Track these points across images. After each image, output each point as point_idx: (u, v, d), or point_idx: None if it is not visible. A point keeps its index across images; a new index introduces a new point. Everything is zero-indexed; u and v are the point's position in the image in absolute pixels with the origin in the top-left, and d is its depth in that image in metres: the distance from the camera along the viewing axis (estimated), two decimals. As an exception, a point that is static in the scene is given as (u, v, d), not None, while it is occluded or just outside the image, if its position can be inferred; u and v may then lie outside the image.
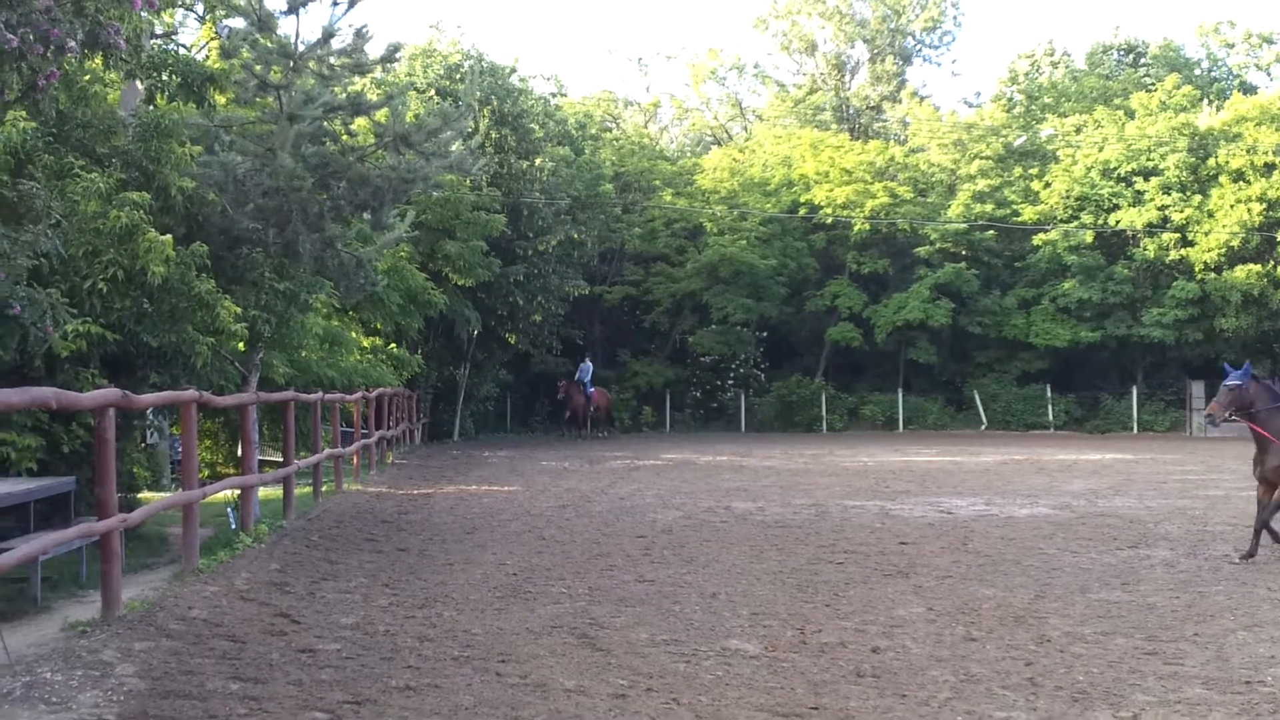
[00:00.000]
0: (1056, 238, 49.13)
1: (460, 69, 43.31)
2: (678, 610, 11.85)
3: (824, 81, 68.93)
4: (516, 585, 13.17)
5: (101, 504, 11.01)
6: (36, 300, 11.71)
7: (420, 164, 17.60)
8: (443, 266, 37.73)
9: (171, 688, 8.39)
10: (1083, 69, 62.70)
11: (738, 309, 50.76)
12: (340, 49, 17.40)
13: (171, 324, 15.18)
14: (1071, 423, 49.73)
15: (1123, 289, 48.47)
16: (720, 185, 55.55)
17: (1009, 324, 50.01)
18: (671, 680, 9.10)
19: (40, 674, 8.54)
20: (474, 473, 28.49)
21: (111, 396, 11.10)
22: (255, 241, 17.30)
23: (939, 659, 9.84)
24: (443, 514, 19.80)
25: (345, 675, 8.99)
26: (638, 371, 52.08)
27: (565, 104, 59.45)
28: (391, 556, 15.16)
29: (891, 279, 52.51)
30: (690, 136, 73.74)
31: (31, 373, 13.43)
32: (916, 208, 52.22)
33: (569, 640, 10.44)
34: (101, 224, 14.46)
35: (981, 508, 20.44)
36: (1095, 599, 12.46)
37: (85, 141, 15.97)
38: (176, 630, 10.27)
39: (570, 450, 37.45)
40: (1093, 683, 9.06)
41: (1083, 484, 25.07)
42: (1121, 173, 49.30)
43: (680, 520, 18.98)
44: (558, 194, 44.69)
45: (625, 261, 54.12)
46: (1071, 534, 17.28)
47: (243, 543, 15.33)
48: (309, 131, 17.01)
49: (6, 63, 10.07)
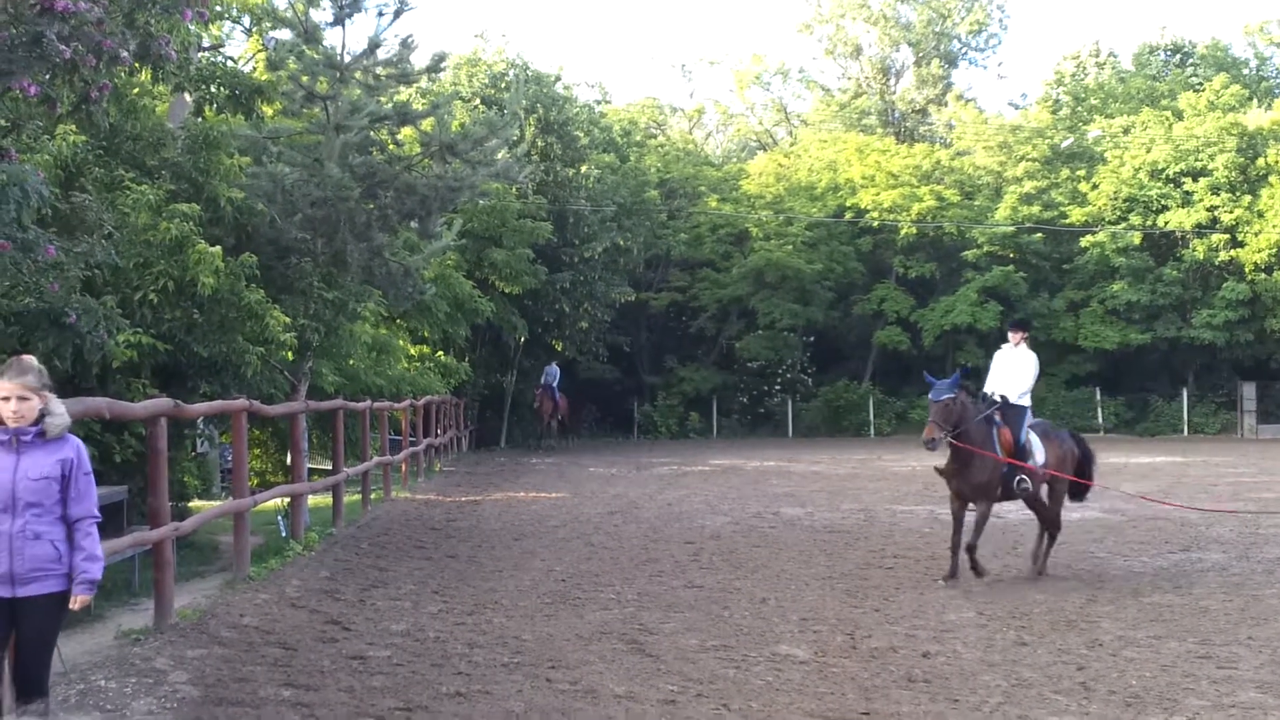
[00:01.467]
0: (1105, 239, 48.76)
1: (505, 78, 43.43)
2: (727, 616, 11.84)
3: (869, 85, 68.69)
4: (565, 591, 13.19)
5: (154, 513, 11.10)
6: (91, 309, 11.83)
7: (466, 172, 17.67)
8: (489, 274, 37.80)
9: (224, 695, 8.44)
10: (1129, 70, 62.24)
11: (784, 314, 50.62)
12: (386, 59, 17.50)
13: (221, 334, 15.30)
14: (1121, 425, 49.35)
15: (1172, 290, 48.04)
16: (766, 190, 55.45)
17: (1058, 326, 49.67)
18: (721, 686, 9.09)
19: (95, 681, 8.62)
20: (522, 479, 28.54)
21: (163, 406, 11.20)
22: (304, 251, 17.41)
23: (990, 664, 9.80)
24: (491, 521, 19.84)
25: (396, 682, 9.03)
26: (684, 378, 52.02)
27: (610, 111, 59.48)
28: (441, 563, 15.21)
29: (938, 282, 52.26)
30: (735, 142, 73.60)
31: (84, 383, 13.56)
32: (963, 211, 51.95)
33: (618, 646, 10.45)
34: (152, 235, 14.60)
35: (1030, 512, 20.30)
36: (1147, 602, 12.39)
37: (135, 154, 16.14)
38: (228, 638, 10.34)
39: (617, 456, 37.46)
40: (1145, 687, 9.01)
41: (1134, 487, 24.85)
42: (1170, 174, 48.88)
43: (728, 526, 18.96)
44: (603, 201, 44.73)
45: (671, 268, 54.09)
46: (1122, 537, 17.18)
47: (293, 550, 15.41)
48: (356, 141, 17.11)
49: (59, 75, 10.17)
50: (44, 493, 6.77)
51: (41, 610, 6.80)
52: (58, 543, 6.81)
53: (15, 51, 9.67)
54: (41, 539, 6.76)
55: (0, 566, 6.72)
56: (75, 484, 6.88)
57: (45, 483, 6.78)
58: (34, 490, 6.75)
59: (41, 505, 6.78)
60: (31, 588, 6.75)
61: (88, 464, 6.99)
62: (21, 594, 6.75)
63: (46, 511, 6.79)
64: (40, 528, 6.77)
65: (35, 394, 6.78)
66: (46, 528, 6.79)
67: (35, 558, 6.75)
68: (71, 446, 6.92)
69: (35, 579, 6.76)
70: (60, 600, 6.84)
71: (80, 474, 6.90)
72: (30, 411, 6.78)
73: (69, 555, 6.85)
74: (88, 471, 6.97)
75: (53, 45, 9.64)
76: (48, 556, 6.78)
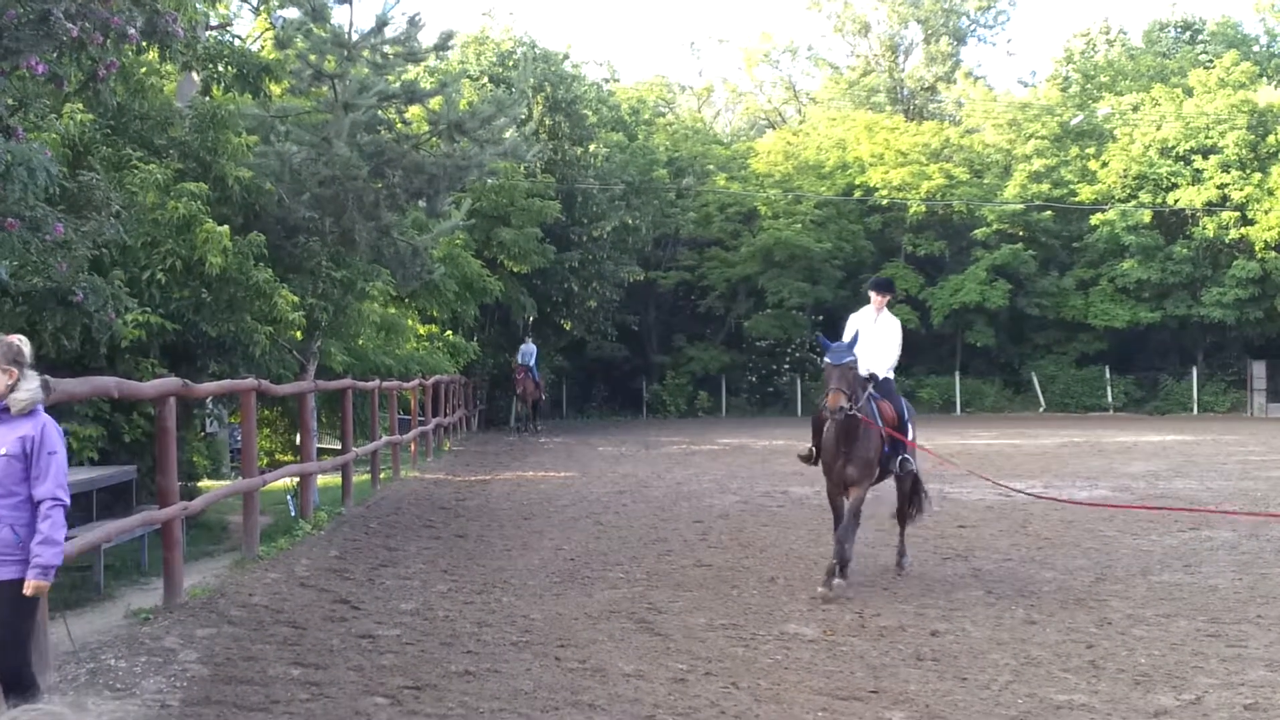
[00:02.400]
0: (1114, 217, 48.60)
1: (513, 56, 43.40)
2: (736, 594, 11.85)
3: (878, 63, 68.49)
4: (574, 570, 13.20)
5: (163, 492, 11.12)
6: (99, 288, 11.82)
7: (474, 151, 17.65)
8: (498, 253, 37.78)
9: (233, 674, 8.46)
10: (1139, 47, 61.97)
11: (793, 293, 50.56)
12: (394, 37, 17.46)
13: (230, 313, 15.30)
14: (1131, 404, 49.30)
15: (1182, 269, 47.91)
16: (774, 169, 55.34)
17: (1067, 305, 49.59)
18: (730, 664, 9.09)
19: (104, 660, 8.63)
20: (530, 459, 28.56)
21: (172, 386, 11.20)
22: (312, 230, 17.40)
23: (999, 642, 9.79)
24: (500, 500, 19.86)
25: (405, 660, 9.04)
26: (693, 357, 52.02)
27: (618, 90, 59.39)
28: (450, 542, 15.22)
29: (948, 261, 52.17)
30: (744, 120, 73.48)
31: (92, 363, 13.56)
32: (972, 189, 51.82)
33: (627, 625, 10.46)
34: (160, 214, 14.60)
35: (1041, 490, 20.30)
36: (1156, 581, 12.37)
37: (143, 133, 16.12)
38: (238, 617, 10.35)
39: (626, 435, 37.46)
40: (1155, 665, 8.99)
41: (1143, 466, 24.86)
42: (1180, 151, 48.69)
43: (737, 505, 18.97)
44: (612, 180, 44.70)
45: (680, 246, 54.05)
46: (1131, 516, 17.14)
47: (302, 530, 15.44)
48: (364, 120, 17.09)
49: (66, 54, 10.14)
50: (4, 472, 6.49)
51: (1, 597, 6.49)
52: (18, 526, 6.48)
53: (22, 29, 9.65)
54: (1, 522, 6.50)
55: None
56: (37, 463, 6.53)
57: (5, 460, 6.49)
58: None
59: (2, 486, 6.50)
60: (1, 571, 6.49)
61: (53, 443, 6.61)
62: None
63: (8, 493, 6.49)
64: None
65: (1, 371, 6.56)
66: (6, 511, 6.49)
67: None
68: (35, 424, 6.60)
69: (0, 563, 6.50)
70: (18, 588, 6.46)
71: (43, 452, 6.53)
72: None
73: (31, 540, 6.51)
74: (52, 451, 6.57)
75: (60, 23, 9.62)
76: (6, 541, 6.48)
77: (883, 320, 13.06)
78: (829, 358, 11.83)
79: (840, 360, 11.74)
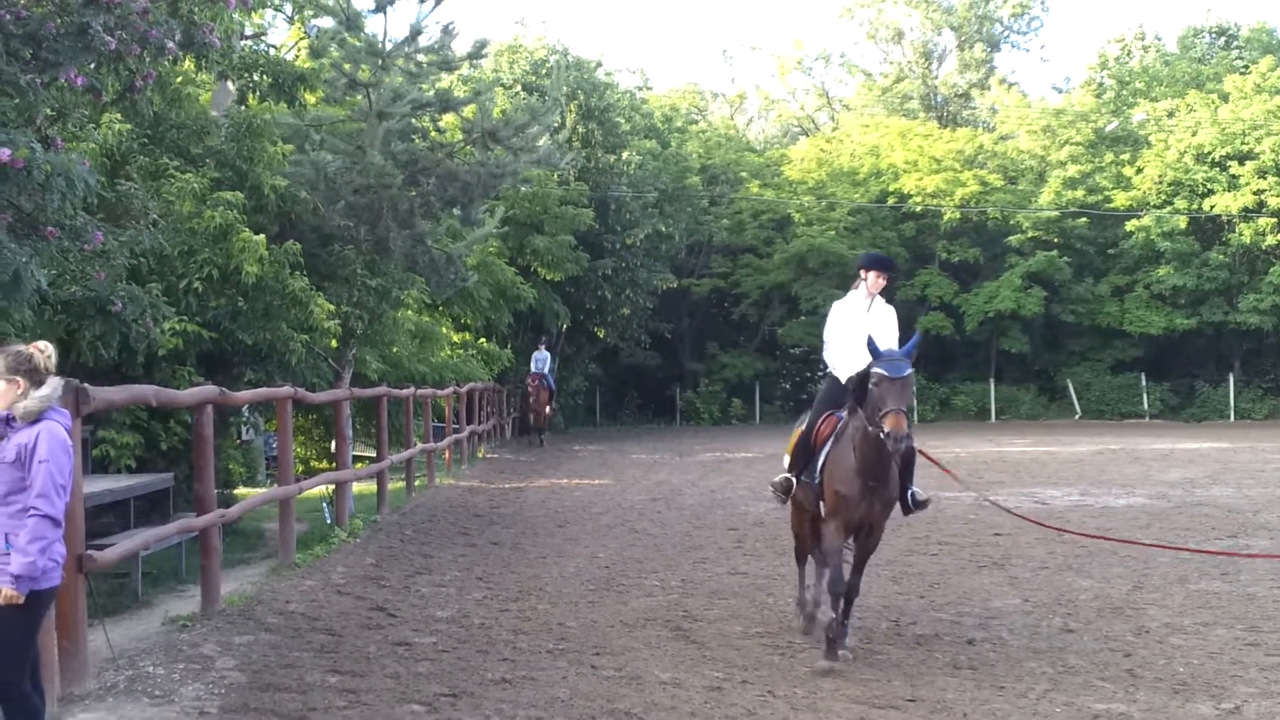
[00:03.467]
0: (1150, 224, 48.37)
1: (546, 64, 43.43)
2: (771, 603, 11.83)
3: (911, 70, 68.36)
4: (609, 578, 13.20)
5: (200, 500, 11.16)
6: (137, 297, 11.89)
7: (508, 159, 17.69)
8: (531, 261, 37.83)
9: (271, 680, 8.48)
10: (1174, 53, 61.64)
11: (827, 300, 50.05)
12: (427, 46, 17.53)
13: (266, 322, 15.37)
14: (1167, 411, 49.02)
15: (1218, 275, 47.64)
16: (808, 176, 55.29)
17: (1102, 312, 49.37)
18: (766, 672, 9.08)
19: (143, 667, 8.67)
20: (564, 466, 28.57)
21: (209, 394, 11.25)
22: (347, 239, 17.47)
23: (1036, 651, 9.75)
24: (534, 508, 19.87)
25: (442, 668, 9.05)
26: (726, 364, 52.01)
27: (651, 97, 59.44)
28: (485, 550, 15.24)
29: (982, 267, 51.99)
30: (777, 127, 73.41)
31: (130, 371, 13.64)
32: (1007, 195, 51.66)
33: (663, 633, 10.45)
34: (196, 223, 14.68)
35: (1077, 498, 20.21)
36: (1194, 589, 12.29)
37: (179, 142, 16.22)
38: (275, 624, 10.38)
39: (659, 443, 37.44)
40: (1193, 674, 8.94)
41: (1179, 473, 24.70)
42: (1215, 157, 48.43)
43: (772, 512, 18.90)
44: (645, 187, 44.70)
45: (713, 254, 54.04)
46: (1169, 524, 17.04)
47: (338, 537, 15.47)
48: (398, 129, 17.16)
49: (105, 65, 10.22)
50: (3, 478, 6.44)
51: None
52: (13, 535, 6.39)
53: (62, 42, 9.73)
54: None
55: None
56: (29, 471, 6.40)
57: (4, 468, 6.44)
58: None
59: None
60: None
61: (45, 451, 6.43)
62: None
63: (6, 501, 6.44)
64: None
65: (3, 380, 6.49)
66: (4, 519, 6.43)
67: None
68: (33, 432, 6.48)
69: None
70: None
71: (34, 460, 6.40)
72: (1, 398, 6.49)
73: None
74: (42, 459, 6.40)
75: (98, 36, 9.71)
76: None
77: (878, 309, 10.52)
78: (882, 368, 9.36)
79: (900, 373, 9.31)
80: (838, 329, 10.44)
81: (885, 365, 9.33)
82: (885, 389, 9.20)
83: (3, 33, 9.39)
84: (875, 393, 9.25)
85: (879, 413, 9.15)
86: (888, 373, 9.27)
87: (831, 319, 10.57)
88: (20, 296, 9.23)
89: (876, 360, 9.38)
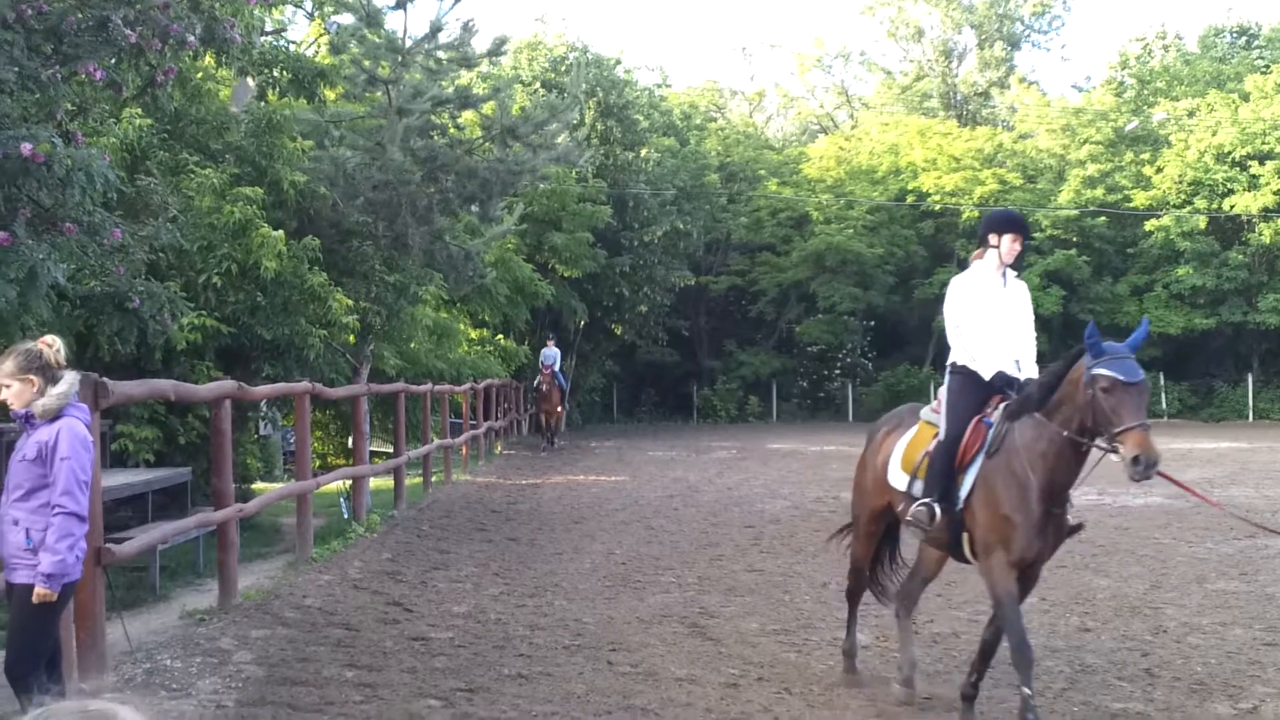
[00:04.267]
0: (1169, 223, 48.22)
1: (565, 61, 43.45)
2: (788, 600, 11.81)
3: (931, 68, 68.21)
4: (626, 574, 13.20)
5: (218, 494, 11.19)
6: (155, 294, 11.92)
7: (527, 156, 17.69)
8: (549, 258, 37.86)
9: (288, 675, 8.50)
10: (1195, 52, 61.40)
11: (845, 298, 50.43)
12: (447, 43, 17.52)
13: (284, 317, 15.40)
14: (1185, 411, 48.86)
15: (1238, 275, 47.49)
16: (826, 174, 55.25)
17: (1121, 311, 49.17)
18: (783, 670, 9.07)
19: (160, 661, 8.70)
20: (581, 463, 28.59)
21: (228, 388, 11.28)
22: (365, 234, 17.50)
23: (1054, 649, 9.72)
24: (551, 504, 19.89)
25: (458, 663, 9.06)
26: (744, 362, 51.99)
27: (670, 95, 59.40)
28: (501, 546, 15.25)
29: (1001, 266, 51.77)
30: (796, 125, 73.34)
31: (149, 365, 13.68)
32: (1026, 194, 51.52)
33: (679, 629, 10.44)
34: (216, 219, 14.71)
35: (1094, 497, 20.13)
36: (1212, 589, 12.25)
37: (199, 138, 16.26)
38: (292, 618, 10.41)
39: (676, 440, 37.43)
40: (1211, 674, 8.91)
41: (1197, 473, 24.61)
42: (1236, 157, 48.25)
43: (788, 510, 18.91)
44: (663, 184, 44.69)
45: (731, 251, 54.02)
46: (1186, 524, 16.99)
47: (355, 532, 15.50)
48: (417, 125, 17.16)
49: (125, 60, 10.25)
50: (24, 475, 6.47)
51: (14, 600, 6.52)
52: (34, 531, 6.44)
53: (82, 36, 9.76)
54: (18, 525, 6.47)
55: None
56: (50, 468, 6.43)
57: (25, 465, 6.47)
58: (17, 472, 6.50)
59: (21, 488, 6.47)
60: (13, 575, 6.50)
61: (66, 449, 6.45)
62: (8, 579, 6.55)
63: (28, 496, 6.46)
64: (18, 514, 6.48)
65: (16, 380, 6.48)
66: (24, 514, 6.46)
67: (12, 544, 6.49)
68: (53, 429, 6.49)
69: (13, 567, 6.50)
70: (27, 593, 6.42)
71: (56, 458, 6.42)
72: (19, 396, 6.50)
73: None
74: (65, 456, 6.43)
75: (119, 29, 9.73)
76: (20, 544, 6.46)
77: (1014, 287, 8.60)
78: (1111, 369, 7.24)
79: (1136, 376, 7.26)
80: (968, 311, 8.39)
81: (1114, 365, 7.22)
82: (1120, 398, 7.15)
83: (24, 27, 9.42)
84: (1104, 402, 7.15)
85: (1113, 429, 7.14)
86: (1121, 376, 7.17)
87: (956, 298, 8.50)
88: (37, 293, 9.25)
89: (1098, 358, 7.29)
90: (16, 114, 9.53)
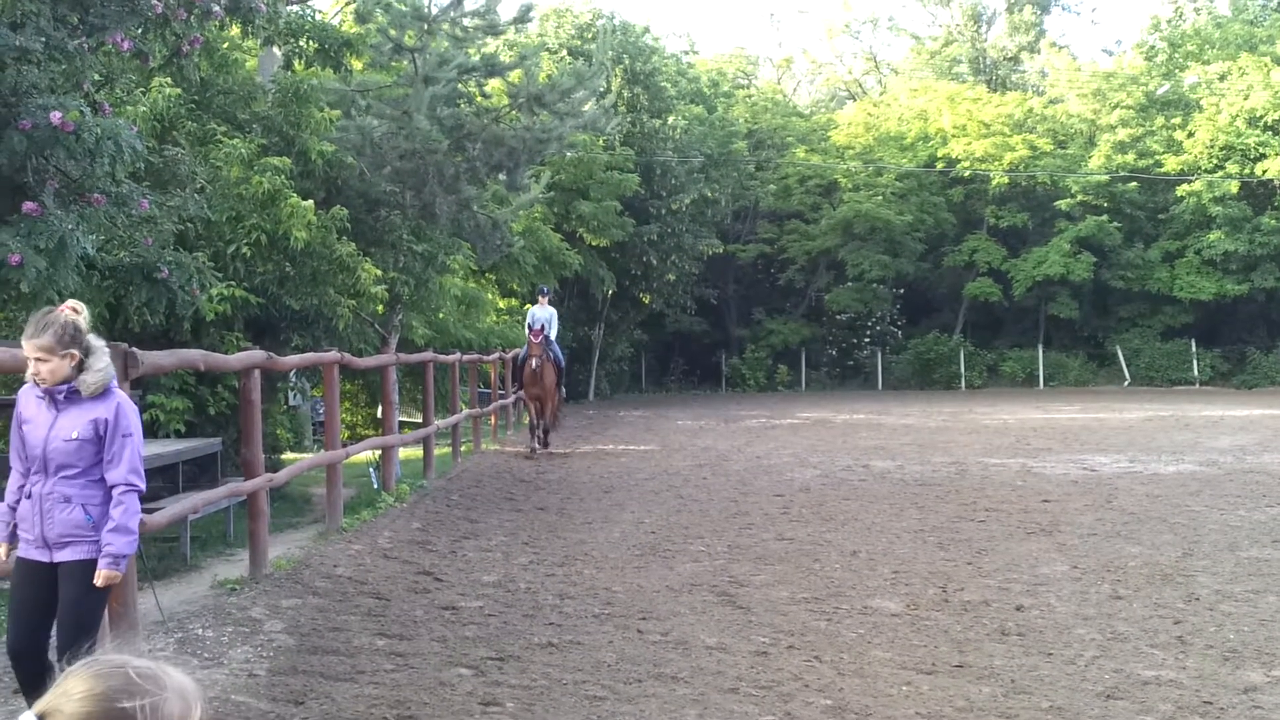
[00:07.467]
0: (1201, 188, 47.89)
1: (592, 28, 43.35)
2: (818, 568, 11.78)
3: (960, 33, 67.81)
4: (655, 543, 13.18)
5: (248, 464, 11.21)
6: (183, 264, 11.92)
7: (554, 124, 17.66)
8: (577, 227, 37.84)
9: (319, 644, 8.51)
10: (1226, 15, 60.88)
11: (874, 266, 50.30)
12: (473, 10, 17.51)
13: (313, 287, 15.41)
14: (1217, 378, 48.65)
15: (1270, 240, 47.14)
16: (855, 141, 55.05)
17: (1152, 277, 48.97)
18: (813, 638, 9.04)
19: (192, 630, 8.72)
20: (610, 432, 28.60)
21: (257, 358, 11.28)
22: (393, 204, 17.49)
23: (1085, 617, 9.66)
24: (580, 473, 19.89)
25: (488, 632, 9.06)
26: (772, 330, 51.93)
27: (697, 62, 59.26)
28: (531, 515, 15.26)
29: (1031, 233, 51.64)
30: (824, 92, 73.09)
31: (178, 336, 13.71)
32: (1056, 160, 51.26)
33: (709, 598, 10.42)
34: (244, 189, 14.70)
35: (1125, 465, 20.06)
36: (1245, 556, 12.16)
37: (226, 108, 16.25)
38: (323, 588, 10.43)
39: (705, 409, 37.41)
40: (1244, 641, 8.84)
41: (1230, 440, 24.49)
42: (1268, 121, 47.86)
43: (818, 479, 18.87)
44: (690, 152, 44.59)
45: (759, 219, 53.91)
46: (1219, 491, 16.89)
47: (385, 502, 15.53)
48: (444, 94, 17.14)
49: (151, 30, 10.23)
50: (76, 454, 6.23)
51: (72, 578, 6.28)
52: (90, 507, 6.25)
53: (108, 6, 9.74)
54: (72, 502, 6.25)
55: (35, 529, 6.33)
56: (110, 445, 6.24)
57: (77, 444, 6.21)
58: (64, 451, 6.24)
59: (74, 467, 6.25)
60: (65, 553, 6.28)
61: (128, 425, 6.31)
62: (58, 559, 6.30)
63: (81, 474, 6.25)
64: (70, 491, 6.25)
65: (55, 355, 6.15)
66: (78, 491, 6.25)
67: (65, 522, 6.26)
68: (109, 405, 6.28)
69: (67, 544, 6.28)
70: (90, 569, 6.25)
71: (118, 435, 6.25)
72: (55, 372, 6.18)
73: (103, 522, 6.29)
74: (127, 433, 6.28)
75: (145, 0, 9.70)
76: (76, 522, 6.25)
77: None
78: None
79: None
80: None
81: None
82: None
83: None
84: None
85: None
86: None
87: None
88: (66, 263, 9.26)
89: None
90: (44, 84, 9.52)
